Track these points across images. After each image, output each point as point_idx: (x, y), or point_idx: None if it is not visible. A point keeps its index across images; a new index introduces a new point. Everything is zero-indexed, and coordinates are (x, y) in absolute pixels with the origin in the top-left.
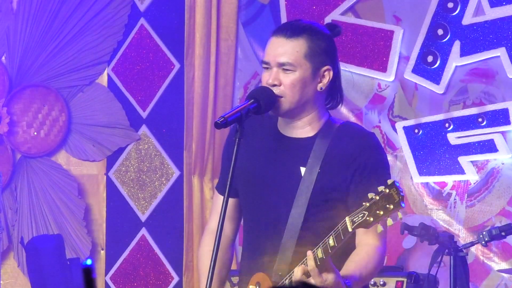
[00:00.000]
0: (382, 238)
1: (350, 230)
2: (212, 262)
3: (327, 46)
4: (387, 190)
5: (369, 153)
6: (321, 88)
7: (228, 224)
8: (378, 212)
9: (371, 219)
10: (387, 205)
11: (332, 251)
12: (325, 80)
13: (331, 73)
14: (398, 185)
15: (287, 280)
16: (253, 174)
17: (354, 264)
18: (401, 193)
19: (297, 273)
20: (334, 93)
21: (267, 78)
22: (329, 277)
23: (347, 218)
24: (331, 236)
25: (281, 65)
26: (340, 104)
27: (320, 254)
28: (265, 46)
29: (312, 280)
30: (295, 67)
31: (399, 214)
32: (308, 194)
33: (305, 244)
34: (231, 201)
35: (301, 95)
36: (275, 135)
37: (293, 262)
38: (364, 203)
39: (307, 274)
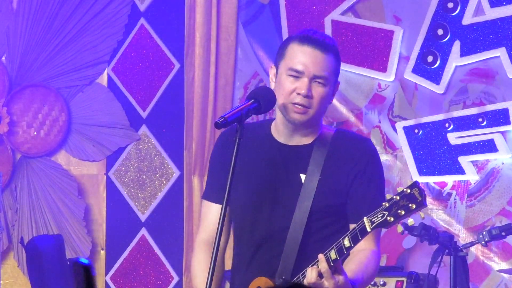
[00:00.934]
0: (377, 242)
1: (369, 230)
2: (212, 265)
3: (340, 63)
4: (408, 190)
5: (368, 159)
6: (330, 102)
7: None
8: (399, 211)
9: (392, 218)
10: (410, 205)
11: (347, 252)
12: (335, 93)
13: (338, 86)
14: (419, 184)
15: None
16: (251, 183)
17: (356, 267)
18: (423, 192)
19: (312, 274)
20: None
21: (299, 89)
22: (340, 279)
23: (365, 219)
24: (346, 237)
25: (316, 77)
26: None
27: (333, 255)
28: (292, 52)
29: (325, 282)
30: (327, 82)
31: (421, 214)
32: (309, 201)
33: (307, 250)
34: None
35: (324, 108)
36: (271, 143)
37: (295, 269)
38: (383, 203)
39: (320, 275)
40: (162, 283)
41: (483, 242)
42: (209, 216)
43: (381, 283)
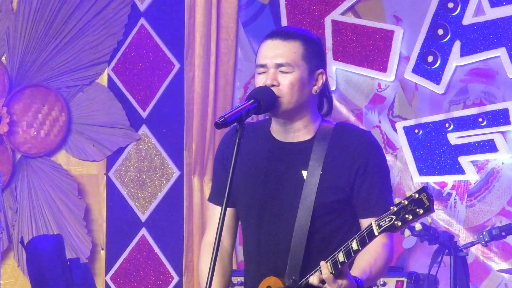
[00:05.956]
0: (389, 235)
1: (376, 234)
2: (211, 267)
3: (320, 50)
4: (417, 195)
5: (370, 151)
6: (315, 91)
7: (226, 235)
8: (407, 216)
9: (399, 223)
10: (417, 210)
11: (355, 255)
12: (319, 83)
13: (324, 76)
14: (428, 190)
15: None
16: (254, 183)
17: (363, 262)
18: (431, 198)
19: (314, 281)
20: (324, 99)
21: (264, 80)
22: (344, 282)
23: (373, 222)
24: (354, 240)
25: (279, 66)
26: (330, 112)
27: (341, 258)
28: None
29: (328, 287)
30: (293, 68)
31: (429, 219)
32: (312, 197)
33: (314, 246)
34: (228, 211)
35: (299, 96)
36: (270, 142)
37: (304, 266)
38: (391, 208)
39: (323, 282)
40: (162, 283)
41: (483, 242)
42: (215, 218)
43: (381, 283)
